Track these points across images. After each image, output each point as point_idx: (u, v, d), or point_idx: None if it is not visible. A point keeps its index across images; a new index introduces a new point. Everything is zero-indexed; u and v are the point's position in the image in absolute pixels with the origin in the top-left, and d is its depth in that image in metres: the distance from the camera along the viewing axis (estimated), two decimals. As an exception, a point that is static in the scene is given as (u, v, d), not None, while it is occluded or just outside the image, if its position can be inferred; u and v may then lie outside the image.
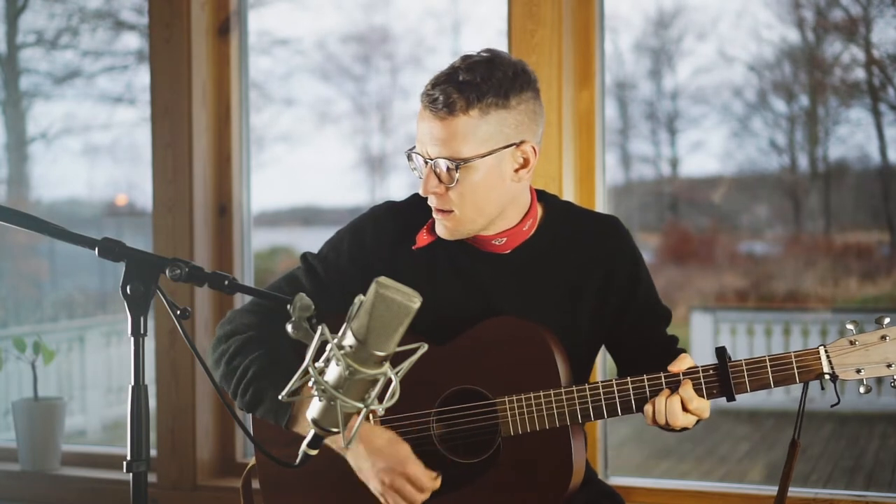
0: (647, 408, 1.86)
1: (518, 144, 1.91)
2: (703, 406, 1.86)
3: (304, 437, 1.46)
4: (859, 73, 9.19)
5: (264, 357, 1.96)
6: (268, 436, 2.02)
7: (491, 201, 1.92)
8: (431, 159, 1.89)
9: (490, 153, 1.88)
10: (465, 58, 1.90)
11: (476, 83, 1.85)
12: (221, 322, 2.06)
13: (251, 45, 3.34)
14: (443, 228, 1.96)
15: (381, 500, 1.92)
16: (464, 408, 1.94)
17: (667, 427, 1.87)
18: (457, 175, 1.87)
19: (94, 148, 5.79)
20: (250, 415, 2.05)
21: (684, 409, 1.85)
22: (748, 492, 2.76)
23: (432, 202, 1.93)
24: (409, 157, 1.94)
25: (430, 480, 1.90)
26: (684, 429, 1.88)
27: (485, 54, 1.91)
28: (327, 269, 2.04)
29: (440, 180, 1.89)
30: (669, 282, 11.39)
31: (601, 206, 2.85)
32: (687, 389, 1.84)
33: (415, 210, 2.05)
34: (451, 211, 1.92)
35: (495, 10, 2.94)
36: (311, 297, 1.94)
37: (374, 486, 1.91)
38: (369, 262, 2.03)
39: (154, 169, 3.20)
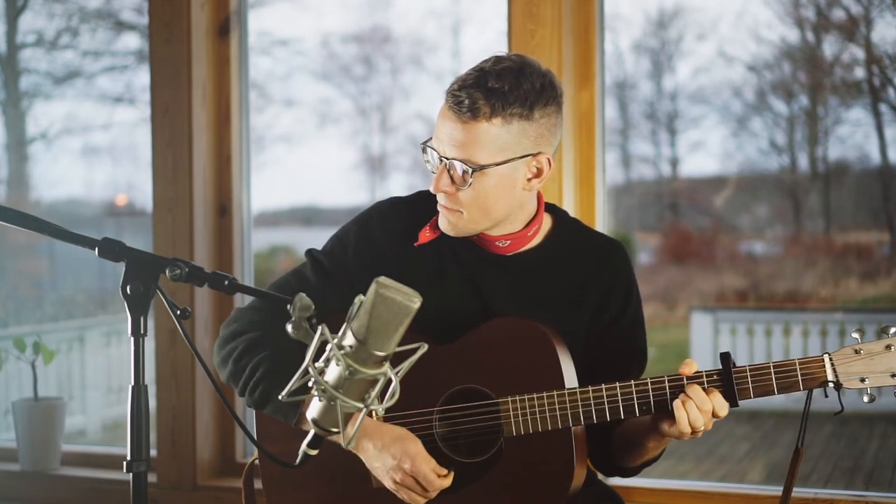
0: (681, 414, 1.81)
1: (535, 155, 1.91)
2: (724, 404, 1.85)
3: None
4: (859, 73, 9.19)
5: (272, 356, 1.95)
6: (270, 431, 2.02)
7: (499, 207, 1.93)
8: (447, 159, 1.89)
9: (506, 162, 1.88)
10: (497, 61, 1.89)
11: (504, 92, 1.85)
12: (227, 321, 2.06)
13: (251, 46, 3.34)
14: (446, 223, 1.97)
15: (398, 495, 1.92)
16: (467, 407, 1.94)
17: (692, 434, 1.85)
18: (470, 179, 1.88)
19: (93, 148, 5.79)
20: (252, 413, 2.05)
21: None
22: (748, 492, 2.76)
23: (441, 199, 1.95)
24: (424, 150, 1.95)
25: (439, 479, 1.89)
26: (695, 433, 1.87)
27: (515, 59, 1.90)
28: (333, 262, 2.05)
29: (452, 181, 1.90)
30: (669, 282, 11.39)
31: (601, 205, 2.86)
32: (698, 392, 1.83)
33: (420, 206, 2.06)
34: (458, 211, 1.93)
35: (496, 10, 2.94)
36: (318, 291, 1.97)
37: (388, 484, 1.91)
38: (376, 254, 2.03)
39: (154, 169, 3.20)
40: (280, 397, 1.41)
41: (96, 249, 1.50)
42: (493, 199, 1.91)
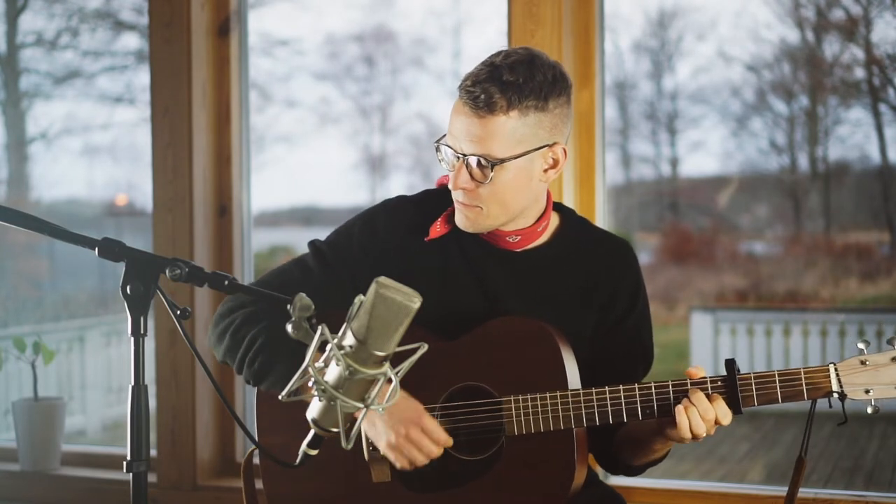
0: (682, 419, 1.81)
1: (550, 146, 1.92)
2: (728, 412, 1.85)
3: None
4: (859, 73, 9.19)
5: (271, 328, 1.94)
6: (270, 422, 2.01)
7: (518, 200, 1.94)
8: (465, 155, 1.89)
9: (524, 154, 1.89)
10: (506, 55, 1.90)
11: (519, 84, 1.85)
12: (223, 302, 2.05)
13: (251, 46, 3.34)
14: (464, 219, 1.96)
15: (394, 455, 1.88)
16: (469, 405, 1.94)
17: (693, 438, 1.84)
18: (491, 174, 1.87)
19: (93, 148, 5.78)
20: (253, 412, 2.05)
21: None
22: (748, 492, 2.76)
23: (459, 196, 1.94)
24: (437, 149, 1.95)
25: (446, 434, 1.88)
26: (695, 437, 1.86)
27: (523, 52, 1.90)
28: (337, 253, 2.04)
29: (472, 177, 1.90)
30: (669, 282, 11.39)
31: (601, 205, 2.86)
32: (702, 400, 1.82)
33: (427, 204, 2.06)
34: (478, 206, 1.92)
35: (496, 10, 2.94)
36: (320, 281, 1.96)
37: (388, 441, 1.87)
38: (380, 250, 2.03)
39: (154, 169, 3.20)
40: (280, 397, 1.41)
41: (96, 249, 1.50)
42: (511, 192, 1.91)
